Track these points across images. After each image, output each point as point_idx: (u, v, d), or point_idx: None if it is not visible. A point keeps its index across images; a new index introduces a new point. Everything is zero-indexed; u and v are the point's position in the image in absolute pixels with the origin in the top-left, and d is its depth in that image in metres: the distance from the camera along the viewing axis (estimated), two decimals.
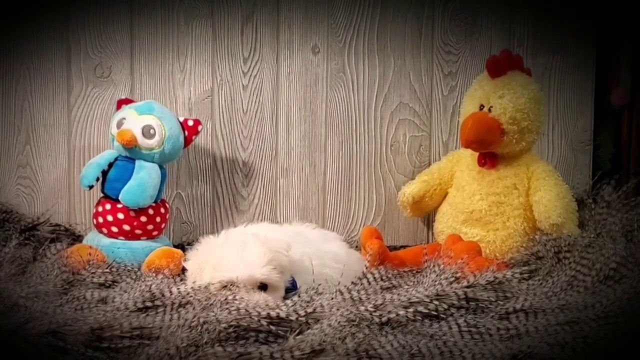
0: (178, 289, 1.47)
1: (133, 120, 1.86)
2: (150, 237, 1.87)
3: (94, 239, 1.85)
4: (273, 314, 1.32)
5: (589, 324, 1.33)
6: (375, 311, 1.36)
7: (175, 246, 1.93)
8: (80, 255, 1.72)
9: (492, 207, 1.91)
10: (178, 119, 1.92)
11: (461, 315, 1.40)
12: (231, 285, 1.45)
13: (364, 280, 1.56)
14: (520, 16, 2.13)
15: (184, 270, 1.63)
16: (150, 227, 1.86)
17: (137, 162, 1.86)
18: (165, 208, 1.91)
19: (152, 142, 1.85)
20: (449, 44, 2.11)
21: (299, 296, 1.47)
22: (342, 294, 1.47)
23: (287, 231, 1.72)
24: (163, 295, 1.45)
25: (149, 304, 1.43)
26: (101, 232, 1.86)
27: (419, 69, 2.11)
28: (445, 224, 1.99)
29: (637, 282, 1.48)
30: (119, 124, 1.86)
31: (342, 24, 2.08)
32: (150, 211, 1.86)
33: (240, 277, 1.46)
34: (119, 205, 1.84)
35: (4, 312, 1.32)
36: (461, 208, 1.95)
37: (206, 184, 2.08)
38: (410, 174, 2.11)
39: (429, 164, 2.11)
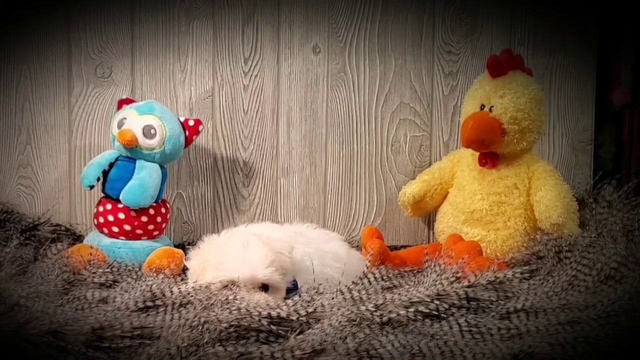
0: (179, 288, 1.47)
1: (134, 120, 1.86)
2: (151, 237, 1.87)
3: (95, 239, 1.85)
4: (274, 313, 1.32)
5: (590, 323, 1.33)
6: (376, 311, 1.36)
7: (176, 246, 1.93)
8: (81, 255, 1.72)
9: (493, 207, 1.90)
10: (179, 119, 1.92)
11: (462, 315, 1.40)
12: (232, 285, 1.45)
13: (365, 280, 1.56)
14: (520, 16, 2.13)
15: (185, 269, 1.63)
16: (151, 227, 1.86)
17: (138, 162, 1.86)
18: (166, 208, 1.91)
19: (153, 142, 1.85)
20: (449, 44, 2.11)
21: (300, 296, 1.47)
22: (342, 293, 1.47)
23: (287, 231, 1.72)
24: (164, 295, 1.45)
25: (149, 303, 1.43)
26: (102, 232, 1.86)
27: (419, 69, 2.11)
28: (445, 223, 1.98)
29: (638, 281, 1.48)
30: (120, 124, 1.87)
31: (343, 23, 2.08)
32: (151, 211, 1.86)
33: (241, 277, 1.46)
34: (120, 205, 1.84)
35: (5, 312, 1.32)
36: (462, 208, 1.94)
37: (207, 184, 2.08)
38: (411, 173, 2.11)
39: (430, 164, 2.11)
